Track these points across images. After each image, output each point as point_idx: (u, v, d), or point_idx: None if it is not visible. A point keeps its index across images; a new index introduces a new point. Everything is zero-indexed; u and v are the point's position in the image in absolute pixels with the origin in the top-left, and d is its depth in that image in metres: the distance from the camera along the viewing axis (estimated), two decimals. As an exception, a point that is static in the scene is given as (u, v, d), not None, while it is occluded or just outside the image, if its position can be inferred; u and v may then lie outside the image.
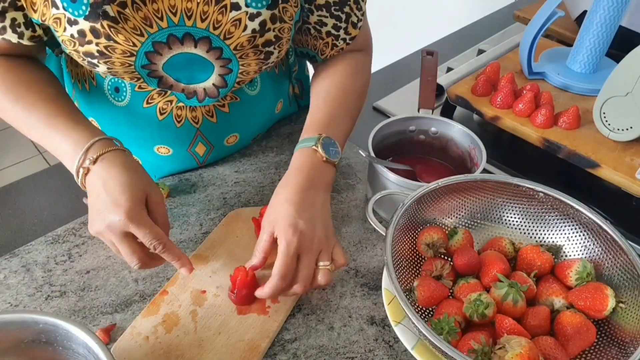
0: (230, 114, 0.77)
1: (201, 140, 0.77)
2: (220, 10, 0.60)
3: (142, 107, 0.71)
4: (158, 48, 0.61)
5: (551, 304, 0.55)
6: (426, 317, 0.55)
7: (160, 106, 0.71)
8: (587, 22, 0.87)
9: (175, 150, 0.77)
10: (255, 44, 0.64)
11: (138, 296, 0.62)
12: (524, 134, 0.80)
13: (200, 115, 0.74)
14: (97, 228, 0.56)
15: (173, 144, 0.76)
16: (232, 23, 0.61)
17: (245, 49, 0.64)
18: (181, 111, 0.72)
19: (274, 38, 0.65)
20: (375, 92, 1.01)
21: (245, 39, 0.63)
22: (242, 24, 0.61)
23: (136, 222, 0.54)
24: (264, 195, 0.77)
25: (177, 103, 0.71)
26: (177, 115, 0.73)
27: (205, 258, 0.66)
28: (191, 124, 0.74)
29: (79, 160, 0.57)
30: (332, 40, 0.72)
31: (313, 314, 0.62)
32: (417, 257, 0.60)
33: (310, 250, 0.57)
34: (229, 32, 0.62)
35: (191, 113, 0.73)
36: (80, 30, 0.57)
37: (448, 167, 0.78)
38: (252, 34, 0.62)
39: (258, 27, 0.62)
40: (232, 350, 0.56)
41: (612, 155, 0.74)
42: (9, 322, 0.48)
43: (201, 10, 0.59)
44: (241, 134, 0.81)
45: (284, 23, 0.64)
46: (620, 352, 0.50)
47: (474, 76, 0.89)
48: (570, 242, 0.59)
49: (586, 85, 0.87)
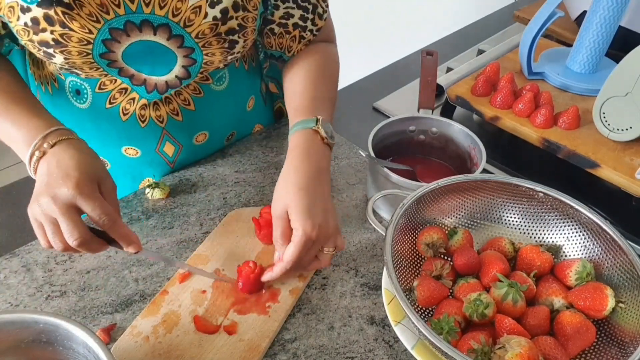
0: (196, 112, 0.75)
1: (168, 139, 0.76)
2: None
3: (105, 108, 0.70)
4: (115, 35, 0.60)
5: (551, 304, 0.55)
6: (426, 317, 0.55)
7: (123, 106, 0.70)
8: (586, 22, 0.87)
9: (143, 151, 0.76)
10: (217, 32, 0.63)
11: (138, 296, 0.62)
12: (524, 134, 0.80)
13: (165, 114, 0.73)
14: (40, 201, 0.52)
15: (140, 145, 0.75)
16: (192, 10, 0.60)
17: (207, 37, 0.63)
18: (144, 110, 0.71)
19: (238, 27, 0.64)
20: (375, 92, 1.01)
21: (206, 26, 0.62)
22: (203, 11, 0.61)
23: (85, 194, 0.52)
24: (264, 195, 0.77)
25: (139, 101, 0.70)
26: (141, 115, 0.71)
27: (205, 258, 0.66)
28: (156, 124, 0.73)
29: (35, 145, 0.55)
30: (300, 32, 0.73)
31: (313, 314, 0.62)
32: (417, 257, 0.60)
33: (323, 241, 0.59)
34: (189, 20, 0.61)
35: (155, 112, 0.72)
36: (33, 17, 0.56)
37: (448, 167, 0.78)
38: (213, 22, 0.62)
39: (219, 14, 0.62)
40: (232, 350, 0.56)
41: (611, 155, 0.74)
42: (9, 322, 0.48)
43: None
44: (210, 131, 0.80)
45: (247, 12, 0.64)
46: (620, 352, 0.50)
47: (473, 76, 0.89)
48: (570, 242, 0.59)
49: (586, 85, 0.87)
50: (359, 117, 0.95)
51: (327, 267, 0.66)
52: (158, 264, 0.66)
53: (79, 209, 0.53)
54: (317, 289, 0.64)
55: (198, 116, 0.76)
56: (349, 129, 0.91)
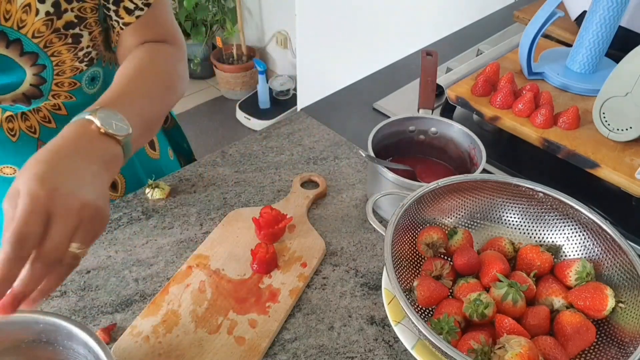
0: (69, 116, 0.68)
1: None
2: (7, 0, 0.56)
3: None
4: None
5: (551, 304, 0.55)
6: (426, 317, 0.55)
7: None
8: (586, 23, 0.87)
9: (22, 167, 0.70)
10: (55, 27, 0.60)
11: (138, 296, 0.62)
12: (524, 134, 0.80)
13: (36, 123, 0.68)
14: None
15: (16, 162, 0.70)
16: (22, 10, 0.57)
17: (45, 34, 0.59)
18: (12, 123, 0.66)
19: (76, 18, 0.61)
20: (375, 92, 1.01)
21: (40, 23, 0.58)
22: (33, 8, 0.57)
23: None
24: (264, 195, 0.77)
25: (4, 114, 0.65)
26: (9, 128, 0.67)
27: (206, 258, 0.66)
28: (28, 135, 0.68)
29: None
30: (112, 23, 0.67)
31: (313, 314, 0.62)
32: (417, 257, 0.60)
33: (68, 213, 0.43)
34: (22, 21, 0.57)
35: (24, 123, 0.67)
36: None
37: (448, 167, 0.78)
38: (47, 17, 0.59)
39: (52, 8, 0.59)
40: (232, 350, 0.56)
41: (611, 155, 0.74)
42: (9, 322, 0.48)
43: None
44: None
45: (83, 2, 0.61)
46: (620, 352, 0.50)
47: (473, 76, 0.89)
48: (570, 242, 0.59)
49: (586, 85, 0.87)
50: (359, 117, 0.95)
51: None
52: (158, 263, 0.66)
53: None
54: (317, 289, 0.64)
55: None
56: (349, 129, 0.91)
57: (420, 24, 1.79)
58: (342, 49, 2.14)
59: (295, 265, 0.66)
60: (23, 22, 0.58)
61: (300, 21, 2.25)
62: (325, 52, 2.24)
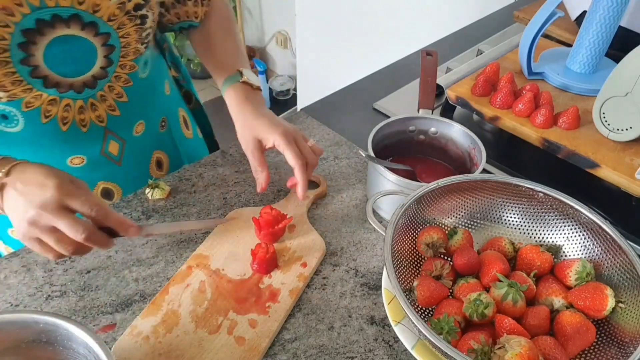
0: (129, 103, 0.75)
1: (112, 138, 0.75)
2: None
3: (42, 124, 0.67)
4: (30, 37, 0.58)
5: (551, 304, 0.55)
6: (426, 317, 0.55)
7: (61, 115, 0.68)
8: (586, 23, 0.87)
9: (89, 156, 0.74)
10: (127, 10, 0.64)
11: (138, 296, 0.62)
12: (524, 134, 0.80)
13: (104, 112, 0.72)
14: (29, 217, 0.52)
15: (85, 151, 0.73)
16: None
17: (119, 17, 0.63)
18: (84, 114, 0.70)
19: (143, 0, 0.65)
20: (375, 92, 1.01)
21: (114, 7, 0.62)
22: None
23: (70, 193, 0.53)
24: (264, 195, 0.77)
25: (75, 105, 0.68)
26: (81, 120, 0.70)
27: (206, 258, 0.66)
28: (97, 125, 0.72)
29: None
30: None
31: (313, 314, 0.62)
32: (417, 257, 0.60)
33: (298, 136, 0.68)
34: (96, 5, 0.60)
35: (94, 113, 0.71)
36: None
37: (448, 167, 0.78)
38: (119, 2, 0.62)
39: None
40: (232, 350, 0.56)
41: (611, 155, 0.74)
42: (9, 322, 0.48)
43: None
44: (146, 120, 0.80)
45: None
46: (620, 352, 0.50)
47: (473, 76, 0.89)
48: (570, 242, 0.59)
49: (586, 85, 0.87)
50: (359, 117, 0.95)
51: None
52: (158, 263, 0.66)
53: (70, 209, 0.53)
54: (317, 289, 0.64)
55: (132, 107, 0.76)
56: (349, 129, 0.91)
57: (420, 24, 1.79)
58: (342, 49, 2.14)
59: (295, 265, 0.66)
60: (97, 6, 0.61)
61: (300, 21, 2.25)
62: (325, 52, 2.24)
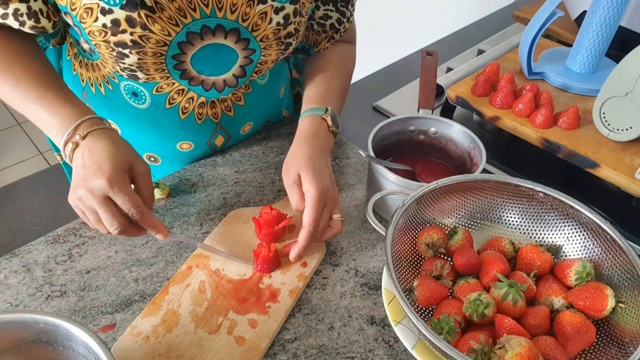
0: (245, 106, 0.81)
1: (221, 133, 0.82)
2: (248, 3, 0.63)
3: (165, 108, 0.74)
4: (191, 39, 0.64)
5: (551, 304, 0.55)
6: (426, 317, 0.55)
7: (183, 105, 0.74)
8: (586, 23, 0.87)
9: (197, 144, 0.81)
10: (279, 35, 0.69)
11: (138, 296, 0.62)
12: (524, 134, 0.80)
13: (220, 111, 0.78)
14: (78, 194, 0.56)
15: (195, 140, 0.80)
16: (259, 16, 0.65)
17: (270, 40, 0.69)
18: (202, 109, 0.76)
19: (294, 30, 0.70)
20: (375, 92, 1.01)
21: (270, 31, 0.67)
22: (268, 16, 0.66)
23: (117, 187, 0.56)
24: (264, 195, 0.77)
25: (198, 100, 0.74)
26: (199, 113, 0.76)
27: (206, 258, 0.66)
28: (211, 120, 0.79)
29: (68, 135, 0.58)
30: (333, 33, 0.78)
31: (313, 314, 0.62)
32: (417, 257, 0.60)
33: (332, 205, 0.65)
34: (256, 25, 0.66)
35: (211, 110, 0.77)
36: (114, 19, 0.58)
37: (448, 167, 0.78)
38: (276, 27, 0.67)
39: (282, 20, 0.67)
40: (232, 350, 0.56)
41: (611, 155, 0.74)
42: (9, 322, 0.48)
43: (230, 2, 0.63)
44: (255, 122, 0.86)
45: (302, 17, 0.70)
46: (620, 352, 0.50)
47: (473, 76, 0.89)
48: (570, 242, 0.59)
49: (586, 85, 0.87)
50: (359, 117, 0.95)
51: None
52: (158, 263, 0.66)
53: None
54: (317, 289, 0.64)
55: (246, 110, 0.82)
56: (349, 129, 0.91)
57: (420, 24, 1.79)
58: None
59: (295, 265, 0.66)
60: (257, 27, 0.66)
61: (300, 21, 2.25)
62: (325, 52, 2.23)
